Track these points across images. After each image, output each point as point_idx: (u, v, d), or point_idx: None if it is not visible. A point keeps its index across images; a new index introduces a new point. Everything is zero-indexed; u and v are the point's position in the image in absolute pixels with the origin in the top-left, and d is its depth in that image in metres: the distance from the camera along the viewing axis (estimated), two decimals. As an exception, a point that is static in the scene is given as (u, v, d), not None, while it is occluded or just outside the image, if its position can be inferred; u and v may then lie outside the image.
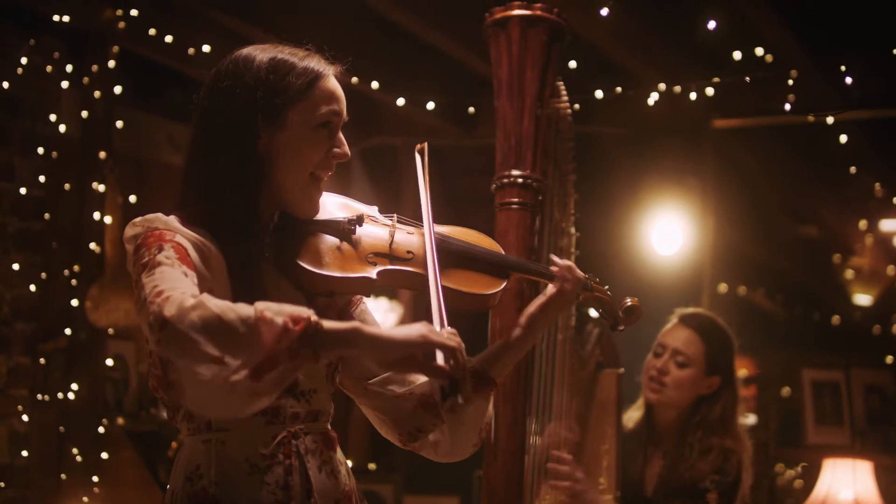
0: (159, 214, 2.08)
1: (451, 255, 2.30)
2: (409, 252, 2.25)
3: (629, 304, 2.52)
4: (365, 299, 2.39)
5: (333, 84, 2.21)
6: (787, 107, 4.37)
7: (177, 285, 1.87)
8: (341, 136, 2.23)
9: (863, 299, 9.30)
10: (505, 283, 2.34)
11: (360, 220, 2.25)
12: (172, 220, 2.07)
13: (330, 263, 2.17)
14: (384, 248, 2.25)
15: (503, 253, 2.42)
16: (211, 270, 2.05)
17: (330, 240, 2.22)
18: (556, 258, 2.44)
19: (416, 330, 1.93)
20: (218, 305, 1.79)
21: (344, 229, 2.23)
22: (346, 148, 2.23)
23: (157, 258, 1.95)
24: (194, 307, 1.79)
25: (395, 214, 2.36)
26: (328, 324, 1.83)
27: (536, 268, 2.47)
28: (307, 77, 2.16)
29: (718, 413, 3.70)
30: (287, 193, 2.19)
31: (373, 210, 2.37)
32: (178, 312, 1.78)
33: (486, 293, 2.30)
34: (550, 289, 2.40)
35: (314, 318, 1.82)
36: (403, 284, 2.26)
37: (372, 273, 2.18)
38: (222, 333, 1.77)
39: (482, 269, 2.33)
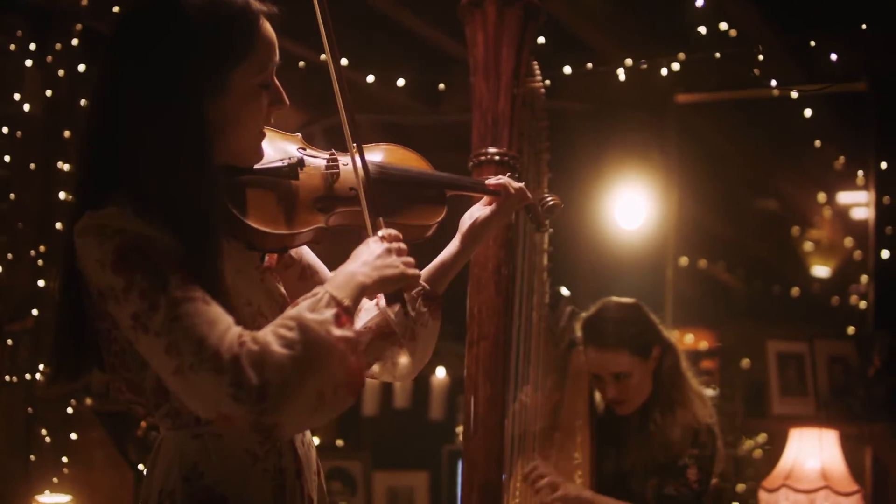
0: (111, 212, 1.88)
1: (391, 186, 2.23)
2: (351, 189, 2.14)
3: (550, 202, 2.57)
4: None
5: (268, 30, 2.00)
6: (773, 83, 4.38)
7: (213, 327, 1.78)
8: (277, 83, 2.06)
9: (821, 271, 9.39)
10: (445, 209, 2.32)
11: (300, 163, 2.12)
12: (128, 216, 1.87)
13: (279, 220, 2.05)
14: (328, 190, 2.15)
15: (435, 172, 2.36)
16: None
17: (274, 191, 2.07)
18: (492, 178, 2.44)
19: (392, 262, 1.98)
20: (282, 344, 1.78)
21: (286, 175, 2.10)
22: (285, 97, 2.07)
23: (170, 294, 1.79)
24: (266, 359, 1.75)
25: (332, 150, 2.20)
26: (347, 293, 1.88)
27: (473, 183, 2.44)
28: (246, 30, 1.95)
29: (669, 369, 3.73)
30: (233, 153, 2.03)
31: (297, 139, 2.22)
32: (262, 377, 1.74)
33: (430, 223, 2.28)
34: (493, 203, 2.41)
35: (343, 301, 1.86)
36: (353, 223, 2.17)
37: (322, 221, 2.11)
38: (309, 369, 1.78)
39: (423, 196, 2.30)
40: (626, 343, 3.68)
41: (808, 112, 5.28)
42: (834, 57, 4.35)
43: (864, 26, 4.20)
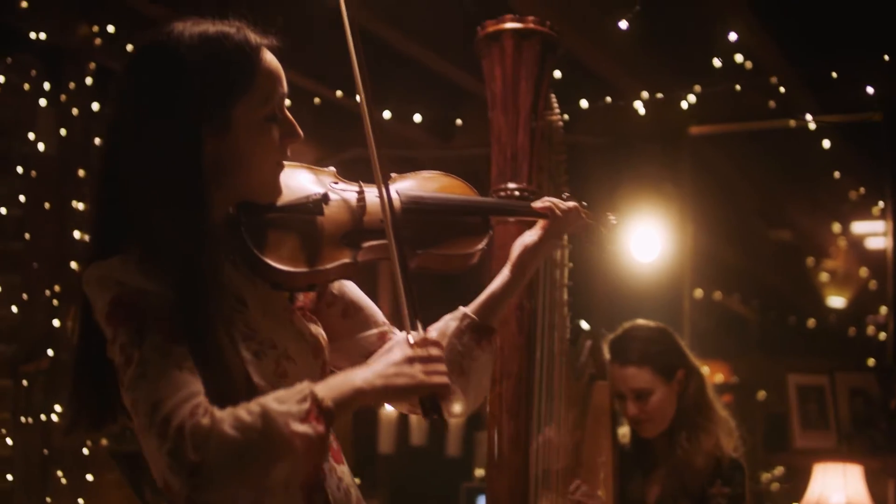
0: (115, 263, 1.87)
1: (428, 215, 2.16)
2: (382, 221, 2.03)
3: (614, 222, 2.47)
4: None
5: (270, 62, 1.97)
6: (809, 117, 4.35)
7: (174, 392, 1.73)
8: (289, 116, 2.01)
9: (836, 302, 9.35)
10: (489, 236, 2.23)
11: (325, 198, 2.04)
12: (130, 268, 1.86)
13: (303, 257, 1.99)
14: (356, 224, 2.07)
15: (479, 197, 2.29)
16: None
17: (297, 228, 2.01)
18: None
19: (407, 371, 1.86)
20: (235, 426, 1.71)
21: (310, 211, 2.04)
22: (298, 129, 2.02)
23: (143, 353, 1.77)
24: (213, 437, 1.69)
25: (359, 181, 2.15)
26: (333, 394, 1.79)
27: (517, 207, 2.38)
28: (245, 65, 1.92)
29: (693, 394, 3.68)
30: (247, 188, 1.99)
31: (330, 173, 2.17)
32: (202, 453, 1.68)
33: (470, 252, 2.19)
34: (539, 228, 2.34)
35: (323, 400, 1.77)
36: (384, 257, 2.06)
37: (349, 257, 2.03)
38: (256, 458, 1.71)
39: (464, 224, 2.21)
40: (647, 360, 3.67)
41: (826, 143, 5.26)
42: (871, 90, 4.32)
43: (886, 57, 4.17)
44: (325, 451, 1.78)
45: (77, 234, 5.27)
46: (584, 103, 5.19)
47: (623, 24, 3.77)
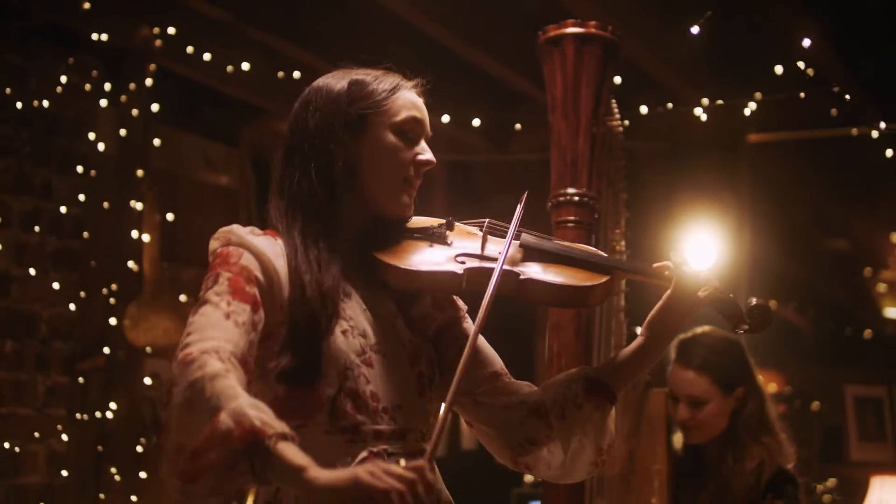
0: (235, 227, 2.12)
1: (545, 254, 2.27)
2: (500, 253, 2.19)
3: (754, 303, 2.31)
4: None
5: (413, 95, 2.24)
6: (882, 125, 4.25)
7: (208, 334, 1.88)
8: (425, 143, 2.24)
9: (894, 313, 9.25)
10: (607, 279, 2.22)
11: (450, 224, 2.28)
12: (246, 232, 2.10)
13: (415, 260, 2.17)
14: (474, 249, 2.23)
15: (605, 255, 2.35)
16: (274, 285, 2.07)
17: (419, 242, 2.23)
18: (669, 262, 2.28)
19: (356, 472, 1.70)
20: (220, 385, 1.77)
21: (434, 233, 2.25)
22: (431, 155, 2.23)
23: (207, 294, 1.97)
24: (199, 375, 1.78)
25: (486, 219, 2.34)
26: (287, 449, 1.71)
27: (639, 268, 2.33)
28: (388, 86, 2.21)
29: (749, 415, 3.60)
30: (377, 197, 2.20)
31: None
32: (181, 383, 1.80)
33: (581, 285, 2.20)
34: (666, 293, 2.27)
35: (277, 435, 1.71)
36: (484, 285, 2.12)
37: (458, 268, 2.16)
38: (195, 413, 1.77)
39: (580, 266, 2.26)
40: (709, 369, 3.58)
41: (889, 152, 5.18)
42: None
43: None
44: (220, 455, 1.73)
45: (135, 234, 5.31)
46: (643, 109, 5.14)
47: (695, 30, 3.72)
